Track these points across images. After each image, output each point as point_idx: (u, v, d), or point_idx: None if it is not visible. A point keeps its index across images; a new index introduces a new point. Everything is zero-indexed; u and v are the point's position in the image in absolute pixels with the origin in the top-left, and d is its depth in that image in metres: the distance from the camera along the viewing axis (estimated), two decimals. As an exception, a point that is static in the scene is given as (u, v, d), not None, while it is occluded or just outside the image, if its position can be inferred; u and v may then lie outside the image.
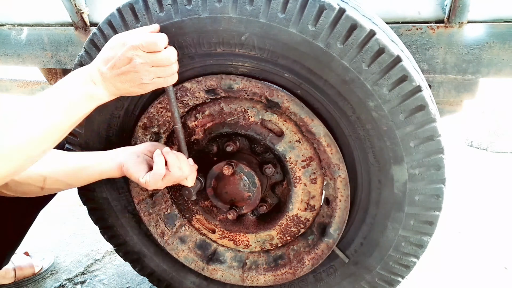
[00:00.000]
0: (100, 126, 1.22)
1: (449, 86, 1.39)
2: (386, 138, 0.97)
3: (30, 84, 2.04)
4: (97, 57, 0.96)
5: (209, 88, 1.09)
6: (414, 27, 1.25)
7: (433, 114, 0.93)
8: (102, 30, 1.06)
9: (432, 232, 1.06)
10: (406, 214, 1.04)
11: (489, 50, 1.21)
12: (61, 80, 0.96)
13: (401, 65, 0.89)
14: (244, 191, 1.22)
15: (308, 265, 1.25)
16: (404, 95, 0.91)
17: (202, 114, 1.20)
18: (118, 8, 1.03)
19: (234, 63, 1.03)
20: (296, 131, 1.12)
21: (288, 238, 1.30)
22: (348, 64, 0.91)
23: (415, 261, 1.11)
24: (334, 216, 1.16)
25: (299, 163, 1.16)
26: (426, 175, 0.98)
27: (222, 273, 1.37)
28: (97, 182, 1.30)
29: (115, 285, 1.78)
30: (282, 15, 0.90)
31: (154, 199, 1.34)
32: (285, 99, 1.03)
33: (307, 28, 0.89)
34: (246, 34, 0.95)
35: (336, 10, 0.87)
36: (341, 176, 1.09)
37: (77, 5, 1.45)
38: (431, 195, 1.00)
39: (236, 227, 1.36)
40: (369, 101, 0.94)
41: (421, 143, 0.95)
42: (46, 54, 1.67)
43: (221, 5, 0.93)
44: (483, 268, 1.92)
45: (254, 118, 1.15)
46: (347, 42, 0.89)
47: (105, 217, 1.39)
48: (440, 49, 1.25)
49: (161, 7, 0.98)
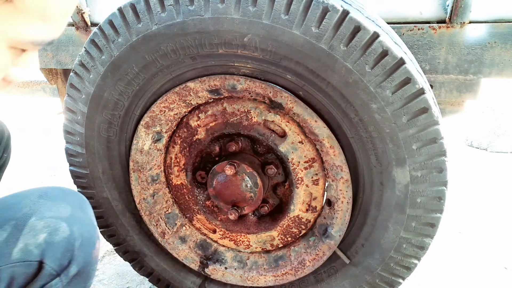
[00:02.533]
0: (100, 126, 1.22)
1: (451, 86, 1.39)
2: (388, 140, 0.97)
3: (30, 84, 2.03)
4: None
5: (212, 88, 1.09)
6: (415, 27, 1.25)
7: (436, 117, 0.92)
8: (103, 30, 1.06)
9: (433, 234, 1.06)
10: (408, 216, 1.04)
11: (490, 50, 1.21)
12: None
13: (404, 68, 0.88)
14: (246, 191, 1.22)
15: (309, 266, 1.25)
16: (407, 98, 0.91)
17: (205, 114, 1.20)
18: (119, 8, 1.02)
19: (236, 64, 1.03)
20: (299, 132, 1.12)
21: (289, 239, 1.30)
22: (351, 66, 0.90)
23: (416, 263, 1.11)
24: (335, 218, 1.16)
25: (301, 164, 1.16)
26: (428, 177, 0.98)
27: (223, 273, 1.37)
28: (97, 181, 1.30)
29: (115, 285, 1.78)
30: (286, 17, 0.89)
31: (155, 198, 1.34)
32: (289, 100, 1.03)
33: (310, 29, 0.89)
34: (249, 35, 0.94)
35: (339, 12, 0.86)
36: (344, 178, 1.09)
37: (78, 5, 1.45)
38: (433, 197, 1.00)
39: (237, 228, 1.36)
40: (372, 103, 0.93)
41: (424, 145, 0.95)
42: (47, 54, 1.66)
43: (223, 6, 0.92)
44: (483, 268, 1.93)
45: (257, 118, 1.15)
46: (350, 44, 0.88)
47: (105, 217, 1.39)
48: (442, 49, 1.25)
49: (163, 7, 0.98)
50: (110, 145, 1.24)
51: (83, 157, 1.27)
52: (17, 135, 4.59)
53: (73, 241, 0.83)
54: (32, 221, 0.80)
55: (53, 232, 0.81)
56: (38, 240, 0.79)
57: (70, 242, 0.83)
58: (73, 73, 1.15)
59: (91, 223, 0.92)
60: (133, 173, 1.28)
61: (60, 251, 0.81)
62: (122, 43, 1.04)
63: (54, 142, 4.21)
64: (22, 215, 0.81)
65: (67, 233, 0.83)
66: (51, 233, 0.81)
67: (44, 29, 0.58)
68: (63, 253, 0.81)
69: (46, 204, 0.86)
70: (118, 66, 1.08)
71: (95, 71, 1.11)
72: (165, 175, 1.35)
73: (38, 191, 0.89)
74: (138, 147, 1.24)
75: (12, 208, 0.82)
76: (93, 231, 0.91)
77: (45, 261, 0.79)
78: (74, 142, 1.26)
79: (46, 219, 0.82)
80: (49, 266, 0.79)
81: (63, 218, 0.85)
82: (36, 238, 0.79)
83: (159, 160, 1.31)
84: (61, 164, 3.54)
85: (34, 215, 0.81)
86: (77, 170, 1.31)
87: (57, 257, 0.80)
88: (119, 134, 1.23)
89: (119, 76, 1.10)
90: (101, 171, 1.29)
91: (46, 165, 3.59)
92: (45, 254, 0.79)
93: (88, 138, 1.24)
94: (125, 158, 1.28)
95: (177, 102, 1.15)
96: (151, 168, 1.30)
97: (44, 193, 0.89)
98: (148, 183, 1.32)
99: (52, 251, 0.80)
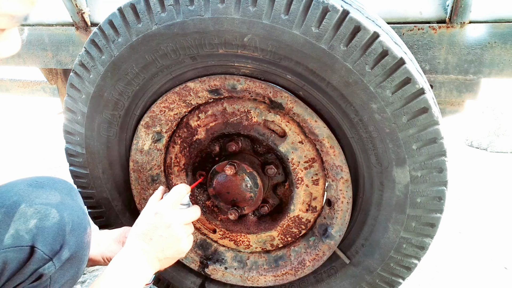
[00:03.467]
0: (100, 126, 1.22)
1: (451, 86, 1.39)
2: (388, 140, 0.97)
3: (30, 84, 2.04)
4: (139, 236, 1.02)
5: (212, 88, 1.09)
6: (415, 27, 1.25)
7: (436, 117, 0.92)
8: (103, 30, 1.06)
9: (433, 234, 1.06)
10: (408, 216, 1.04)
11: (490, 50, 1.21)
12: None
13: (404, 68, 0.88)
14: (246, 191, 1.22)
15: (309, 266, 1.25)
16: (407, 98, 0.91)
17: (205, 114, 1.20)
18: (119, 8, 1.02)
19: (236, 64, 1.03)
20: (299, 132, 1.12)
21: (289, 239, 1.30)
22: (351, 66, 0.90)
23: (416, 263, 1.11)
24: (335, 218, 1.16)
25: (301, 164, 1.16)
26: (428, 177, 0.98)
27: (223, 273, 1.37)
28: (97, 181, 1.31)
29: (115, 284, 1.77)
30: (286, 17, 0.89)
31: (155, 199, 1.34)
32: (289, 100, 1.03)
33: (310, 29, 0.89)
34: (249, 35, 0.94)
35: (339, 12, 0.86)
36: (344, 178, 1.09)
37: (78, 5, 1.45)
38: (433, 197, 1.00)
39: (237, 228, 1.36)
40: (372, 103, 0.93)
41: (424, 145, 0.95)
42: (47, 54, 1.67)
43: (223, 6, 0.92)
44: (483, 268, 1.93)
45: (257, 118, 1.15)
46: (350, 44, 0.88)
47: (105, 217, 1.39)
48: (442, 49, 1.25)
49: (163, 7, 0.98)
50: (110, 145, 1.24)
51: (83, 157, 1.27)
52: (17, 135, 4.60)
53: (64, 226, 0.85)
54: (22, 207, 0.82)
55: (43, 217, 0.83)
56: (29, 226, 0.80)
57: (60, 227, 0.84)
58: (73, 73, 1.15)
59: (81, 209, 0.94)
60: (133, 173, 1.28)
61: (51, 236, 0.82)
62: (122, 43, 1.04)
63: (54, 142, 4.21)
64: (12, 202, 0.82)
65: (57, 218, 0.84)
66: (41, 219, 0.82)
67: (16, 2, 0.59)
68: (54, 238, 0.83)
69: (35, 191, 0.87)
70: (118, 66, 1.08)
71: (95, 71, 1.11)
72: (165, 175, 1.35)
73: (27, 180, 0.91)
74: (138, 147, 1.24)
75: (2, 196, 0.83)
76: (83, 216, 0.92)
77: (36, 246, 0.80)
78: (74, 142, 1.27)
79: (36, 205, 0.83)
80: (40, 251, 0.80)
81: (53, 205, 0.86)
82: (26, 224, 0.80)
83: (159, 160, 1.31)
84: (61, 164, 3.55)
85: (23, 202, 0.83)
86: (77, 170, 1.31)
87: (48, 242, 0.81)
88: (119, 134, 1.23)
89: (119, 76, 1.10)
90: (101, 171, 1.29)
91: (46, 165, 3.59)
92: (37, 239, 0.80)
93: (88, 138, 1.24)
94: (125, 158, 1.28)
95: (177, 102, 1.15)
96: (151, 168, 1.30)
97: (33, 181, 0.90)
98: (148, 183, 1.32)
99: (43, 236, 0.81)
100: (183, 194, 1.08)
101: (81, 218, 0.91)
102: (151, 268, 1.01)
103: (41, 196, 0.87)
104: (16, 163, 3.66)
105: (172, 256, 1.04)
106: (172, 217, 1.02)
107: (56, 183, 0.94)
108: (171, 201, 1.05)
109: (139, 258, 0.99)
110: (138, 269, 0.98)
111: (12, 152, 3.93)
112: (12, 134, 4.55)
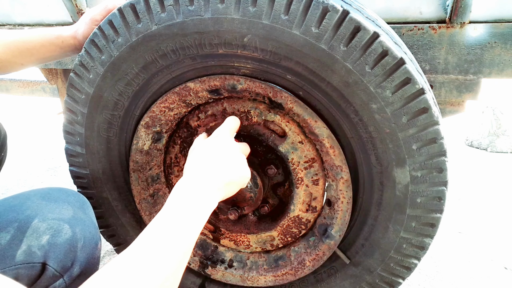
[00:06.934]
0: (100, 126, 1.22)
1: (451, 86, 1.39)
2: (388, 141, 0.97)
3: (30, 84, 2.03)
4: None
5: (212, 88, 1.09)
6: (415, 27, 1.25)
7: (436, 117, 0.92)
8: (103, 30, 1.06)
9: (433, 234, 1.06)
10: (408, 216, 1.04)
11: (491, 50, 1.21)
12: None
13: (404, 68, 0.88)
14: (245, 191, 1.22)
15: (309, 266, 1.25)
16: (407, 98, 0.91)
17: (205, 114, 1.20)
18: (119, 8, 1.02)
19: (236, 64, 1.03)
20: (299, 132, 1.12)
21: (289, 239, 1.30)
22: (351, 66, 0.90)
23: (416, 263, 1.11)
24: (335, 218, 1.16)
25: (301, 164, 1.16)
26: (428, 177, 0.98)
27: (223, 273, 1.37)
28: (97, 181, 1.30)
29: (115, 284, 1.77)
30: (285, 17, 0.89)
31: (155, 198, 1.34)
32: (289, 100, 1.03)
33: (310, 30, 0.89)
34: (249, 36, 0.94)
35: (339, 12, 0.86)
36: (344, 178, 1.09)
37: (78, 5, 1.45)
38: (433, 197, 1.00)
39: (237, 228, 1.36)
40: (372, 103, 0.93)
41: (424, 145, 0.95)
42: (47, 53, 1.66)
43: (223, 6, 0.92)
44: (483, 268, 1.93)
45: (257, 118, 1.15)
46: (350, 44, 0.88)
47: (105, 217, 1.39)
48: (442, 49, 1.25)
49: (163, 8, 0.98)
50: (110, 145, 1.24)
51: (83, 157, 1.27)
52: (17, 135, 4.60)
53: (76, 242, 0.84)
54: (35, 223, 0.81)
55: (56, 233, 0.82)
56: (41, 242, 0.80)
57: (72, 243, 0.83)
58: (73, 73, 1.15)
59: (93, 224, 0.93)
60: (133, 173, 1.28)
61: (63, 252, 0.81)
62: (122, 43, 1.04)
63: (54, 142, 4.22)
64: (25, 217, 0.81)
65: (69, 234, 0.83)
66: (54, 235, 0.81)
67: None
68: (66, 254, 0.82)
69: (48, 205, 0.86)
70: (117, 66, 1.08)
71: (94, 71, 1.11)
72: (165, 175, 1.35)
73: (40, 192, 0.90)
74: (138, 147, 1.24)
75: (15, 209, 0.82)
76: (94, 231, 0.91)
77: (48, 263, 0.79)
78: (74, 143, 1.27)
79: (49, 220, 0.83)
80: (52, 268, 0.79)
81: (65, 220, 0.85)
82: (39, 240, 0.80)
83: (159, 160, 1.31)
84: (61, 164, 3.55)
85: (36, 217, 0.82)
86: (77, 170, 1.31)
87: (60, 259, 0.81)
88: (119, 134, 1.23)
89: (119, 76, 1.10)
90: (101, 171, 1.29)
91: (46, 165, 3.59)
92: (48, 255, 0.79)
93: (88, 138, 1.24)
94: (125, 158, 1.28)
95: (177, 102, 1.15)
96: (151, 168, 1.30)
97: (46, 195, 0.89)
98: (148, 183, 1.32)
99: (55, 253, 0.80)
100: (237, 124, 1.01)
101: (92, 233, 0.90)
102: (218, 192, 0.86)
103: (54, 210, 0.86)
104: (16, 163, 3.66)
105: (237, 181, 0.91)
106: (233, 141, 0.95)
107: (69, 196, 0.93)
108: (229, 127, 0.97)
109: (204, 182, 0.83)
110: (205, 196, 0.81)
111: (12, 152, 3.93)
112: (12, 134, 4.55)
